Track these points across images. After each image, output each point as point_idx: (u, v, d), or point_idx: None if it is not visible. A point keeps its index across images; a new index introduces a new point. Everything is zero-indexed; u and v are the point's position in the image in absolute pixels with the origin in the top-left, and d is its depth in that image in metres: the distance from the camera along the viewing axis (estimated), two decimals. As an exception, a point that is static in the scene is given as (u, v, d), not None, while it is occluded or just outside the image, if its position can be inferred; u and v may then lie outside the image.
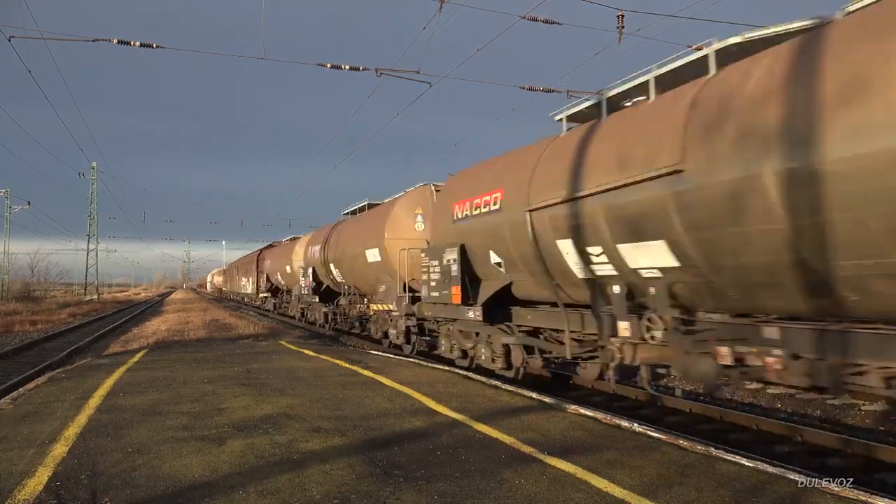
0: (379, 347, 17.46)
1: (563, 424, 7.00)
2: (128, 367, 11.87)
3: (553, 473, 5.21)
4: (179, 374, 10.73)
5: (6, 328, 26.42)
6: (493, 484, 4.94)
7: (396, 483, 4.98)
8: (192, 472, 5.27)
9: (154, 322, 28.80)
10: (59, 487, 4.93)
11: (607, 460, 5.60)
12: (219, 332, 21.67)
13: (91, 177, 62.37)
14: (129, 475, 5.21)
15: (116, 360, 13.60)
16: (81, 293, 65.86)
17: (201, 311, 34.57)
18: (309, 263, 25.29)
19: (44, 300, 52.24)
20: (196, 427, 6.86)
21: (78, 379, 10.55)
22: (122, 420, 7.24)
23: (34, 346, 21.02)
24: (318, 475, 5.18)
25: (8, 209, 54.01)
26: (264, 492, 4.78)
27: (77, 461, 5.62)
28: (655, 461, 5.59)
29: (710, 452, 5.93)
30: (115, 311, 44.94)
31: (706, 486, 4.90)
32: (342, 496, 4.69)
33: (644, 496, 4.67)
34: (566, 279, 9.03)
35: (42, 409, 8.03)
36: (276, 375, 10.59)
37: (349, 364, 11.96)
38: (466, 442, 6.21)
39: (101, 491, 4.84)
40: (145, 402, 8.30)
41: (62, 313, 36.71)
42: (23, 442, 6.33)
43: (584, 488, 4.85)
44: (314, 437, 6.43)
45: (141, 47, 13.47)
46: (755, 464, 5.54)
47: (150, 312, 42.08)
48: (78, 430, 6.75)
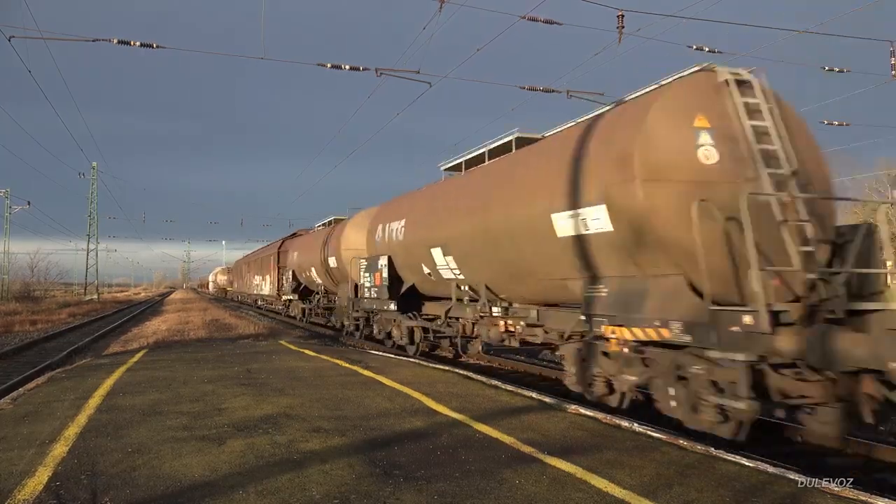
0: (380, 347, 17.48)
1: (563, 424, 7.00)
2: (128, 367, 11.87)
3: (553, 473, 5.22)
4: (179, 374, 10.73)
5: (6, 328, 26.40)
6: (493, 484, 4.94)
7: (396, 483, 4.98)
8: (192, 472, 5.27)
9: (154, 322, 28.81)
10: (59, 487, 4.93)
11: (607, 460, 5.60)
12: (219, 331, 21.67)
13: (91, 177, 62.46)
14: (129, 475, 5.21)
15: (116, 359, 13.60)
16: (81, 293, 65.88)
17: (201, 311, 34.56)
18: (383, 250, 15.57)
19: (44, 300, 52.24)
20: (196, 427, 6.86)
21: (78, 379, 10.55)
22: (122, 420, 7.24)
23: (34, 345, 21.01)
24: (318, 475, 5.18)
25: (8, 209, 54.09)
26: (264, 492, 4.78)
27: (77, 461, 5.62)
28: (655, 461, 5.60)
29: (710, 452, 5.93)
30: (115, 311, 44.93)
31: (706, 487, 4.90)
32: (342, 496, 4.69)
33: (644, 496, 4.67)
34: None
35: (42, 408, 8.03)
36: (276, 375, 10.59)
37: (349, 364, 11.96)
38: (466, 442, 6.21)
39: (101, 491, 4.84)
40: (145, 402, 8.30)
41: (62, 313, 36.70)
42: (23, 442, 6.32)
43: (584, 488, 4.85)
44: (314, 437, 6.43)
45: (141, 47, 13.47)
46: (755, 464, 5.54)
47: (149, 312, 42.09)
48: (78, 430, 6.74)
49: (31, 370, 14.37)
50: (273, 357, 13.38)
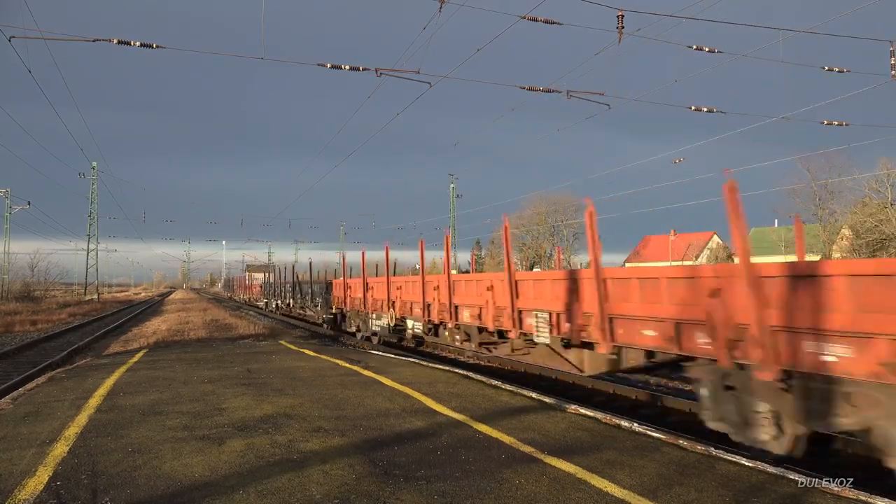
0: (380, 347, 17.54)
1: (563, 424, 7.00)
2: (128, 367, 11.87)
3: (553, 473, 5.22)
4: (179, 374, 10.73)
5: (6, 328, 26.42)
6: (493, 484, 4.94)
7: (396, 483, 4.98)
8: (192, 472, 5.27)
9: (154, 322, 28.80)
10: (59, 487, 4.93)
11: (607, 460, 5.60)
12: (219, 331, 21.66)
13: (91, 177, 62.49)
14: (129, 475, 5.21)
15: (116, 359, 13.60)
16: (81, 293, 65.87)
17: (201, 311, 34.55)
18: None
19: (44, 300, 52.25)
20: (196, 427, 6.87)
21: (78, 379, 10.55)
22: (123, 420, 7.24)
23: (34, 345, 21.01)
24: (318, 475, 5.18)
25: (8, 209, 54.14)
26: (264, 492, 4.78)
27: (77, 461, 5.62)
28: (655, 461, 5.60)
29: (710, 452, 5.93)
30: (115, 311, 44.92)
31: (707, 487, 4.90)
32: (342, 496, 4.69)
33: (644, 496, 4.67)
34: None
35: (42, 408, 8.03)
36: (276, 375, 10.59)
37: (349, 364, 11.96)
38: (466, 442, 6.21)
39: (102, 491, 4.84)
40: (145, 401, 8.30)
41: (62, 313, 36.71)
42: (23, 442, 6.33)
43: (584, 488, 4.85)
44: (314, 437, 6.43)
45: (141, 47, 13.48)
46: (755, 464, 5.54)
47: (150, 312, 42.08)
48: (78, 430, 6.75)
49: (32, 370, 14.37)
50: (273, 357, 13.38)
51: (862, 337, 5.03)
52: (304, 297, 30.17)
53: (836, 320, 5.21)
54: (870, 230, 41.66)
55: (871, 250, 41.00)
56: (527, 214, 68.51)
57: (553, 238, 69.12)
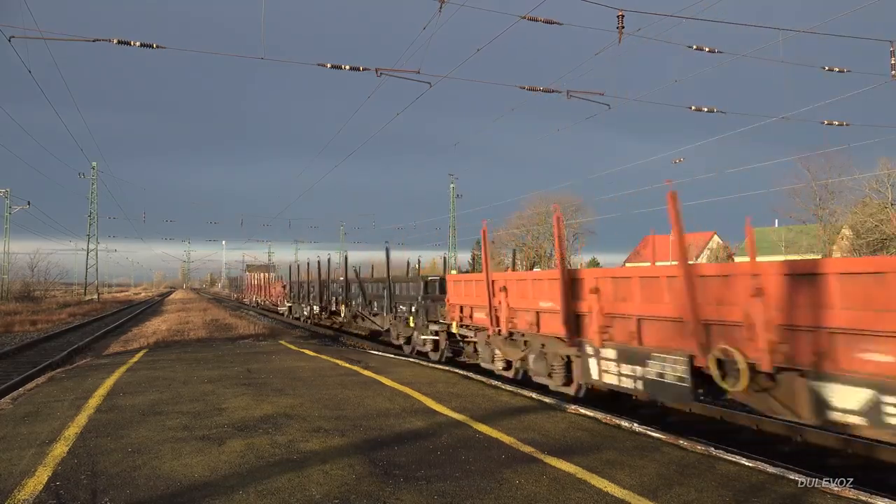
0: (379, 347, 17.52)
1: (563, 424, 7.00)
2: (128, 367, 11.87)
3: (553, 473, 5.21)
4: (179, 374, 10.73)
5: (6, 328, 26.41)
6: (493, 484, 4.94)
7: (396, 483, 4.98)
8: (192, 472, 5.26)
9: (154, 322, 28.80)
10: (59, 487, 4.93)
11: (607, 460, 5.60)
12: (219, 331, 21.65)
13: (91, 177, 62.43)
14: (129, 475, 5.21)
15: (116, 359, 13.60)
16: (81, 293, 65.84)
17: (201, 311, 34.55)
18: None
19: (44, 300, 52.22)
20: (196, 427, 6.86)
21: (78, 379, 10.55)
22: (122, 420, 7.24)
23: (34, 345, 21.01)
24: (318, 475, 5.17)
25: (8, 209, 54.08)
26: (264, 492, 4.78)
27: (77, 461, 5.62)
28: (655, 461, 5.59)
29: (710, 452, 5.93)
30: (115, 311, 44.91)
31: (706, 487, 4.90)
32: (342, 496, 4.69)
33: (644, 496, 4.67)
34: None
35: (42, 408, 8.03)
36: (276, 375, 10.58)
37: (349, 364, 11.96)
38: (466, 442, 6.21)
39: (101, 491, 4.84)
40: (145, 401, 8.30)
41: (62, 313, 36.70)
42: (23, 442, 6.32)
43: (584, 488, 4.85)
44: (314, 437, 6.43)
45: (141, 47, 13.47)
46: (755, 464, 5.54)
47: (150, 312, 42.07)
48: (78, 430, 6.74)
49: (32, 370, 14.36)
50: (273, 357, 13.38)
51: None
52: (368, 303, 20.12)
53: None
54: (870, 230, 41.65)
55: (872, 250, 40.98)
56: (527, 214, 68.53)
57: (553, 238, 69.08)
